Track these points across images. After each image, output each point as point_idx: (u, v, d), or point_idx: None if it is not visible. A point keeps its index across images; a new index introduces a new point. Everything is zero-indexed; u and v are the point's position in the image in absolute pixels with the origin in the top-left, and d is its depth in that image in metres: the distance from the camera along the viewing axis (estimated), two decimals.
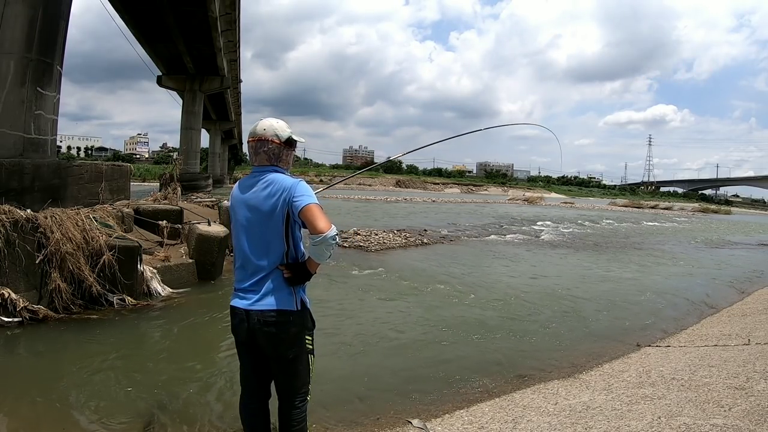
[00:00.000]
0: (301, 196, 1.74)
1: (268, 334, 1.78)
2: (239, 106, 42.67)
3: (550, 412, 2.68)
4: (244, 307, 1.80)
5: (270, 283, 1.78)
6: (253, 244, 1.82)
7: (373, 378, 3.31)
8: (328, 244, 1.67)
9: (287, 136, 1.89)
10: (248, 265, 1.83)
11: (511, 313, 5.23)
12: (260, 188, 1.81)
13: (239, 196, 1.88)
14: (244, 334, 1.83)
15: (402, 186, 76.55)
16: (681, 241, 15.52)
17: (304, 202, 1.72)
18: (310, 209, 1.70)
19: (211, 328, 4.36)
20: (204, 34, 19.11)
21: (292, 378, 1.86)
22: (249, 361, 1.92)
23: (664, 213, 39.01)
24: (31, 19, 5.38)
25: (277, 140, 1.86)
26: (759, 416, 2.27)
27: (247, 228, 1.83)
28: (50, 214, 4.46)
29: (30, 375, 3.17)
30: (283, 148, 1.88)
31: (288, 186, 1.77)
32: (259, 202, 1.80)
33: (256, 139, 1.87)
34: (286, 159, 1.90)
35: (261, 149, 1.86)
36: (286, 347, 1.80)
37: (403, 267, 7.65)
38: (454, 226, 15.19)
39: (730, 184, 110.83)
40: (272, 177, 1.82)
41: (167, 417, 2.66)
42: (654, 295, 6.55)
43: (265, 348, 1.83)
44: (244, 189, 1.87)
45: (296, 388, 1.88)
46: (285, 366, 1.84)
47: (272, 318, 1.76)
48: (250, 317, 1.79)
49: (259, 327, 1.77)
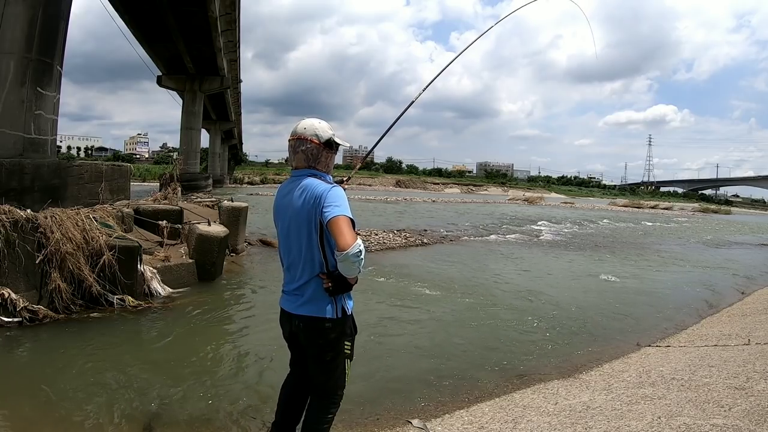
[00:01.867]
0: (329, 207, 1.67)
1: (307, 337, 1.82)
2: (239, 106, 42.71)
3: (550, 412, 2.67)
4: (288, 309, 1.85)
5: (311, 290, 1.78)
6: (293, 251, 1.82)
7: (373, 378, 3.31)
8: (350, 261, 1.62)
9: (328, 137, 1.84)
10: (291, 270, 1.85)
11: (510, 312, 5.22)
12: (296, 195, 1.79)
13: (279, 202, 1.89)
14: (287, 332, 1.91)
15: (402, 186, 76.50)
16: (681, 241, 15.52)
17: (332, 214, 1.65)
18: (336, 222, 1.64)
19: (211, 328, 4.36)
20: (204, 34, 19.12)
21: (328, 380, 1.87)
22: (294, 353, 2.01)
23: (664, 213, 39.02)
24: (31, 19, 5.38)
25: (316, 140, 1.82)
26: (759, 416, 2.27)
27: (286, 235, 1.84)
28: (50, 214, 4.46)
29: (30, 375, 3.16)
30: (322, 150, 1.83)
31: (319, 194, 1.71)
32: (295, 209, 1.79)
33: (296, 138, 1.83)
34: (324, 161, 1.85)
35: (299, 148, 1.82)
36: (324, 351, 1.82)
37: (403, 267, 7.65)
38: (454, 226, 15.19)
39: (730, 184, 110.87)
40: (307, 183, 1.78)
41: (167, 417, 2.66)
42: (654, 295, 6.55)
43: (306, 348, 1.87)
44: (283, 195, 1.87)
45: (329, 389, 1.88)
46: (321, 366, 1.86)
47: (312, 324, 1.78)
48: (293, 320, 1.83)
49: (299, 331, 1.83)
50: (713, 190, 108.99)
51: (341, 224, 1.63)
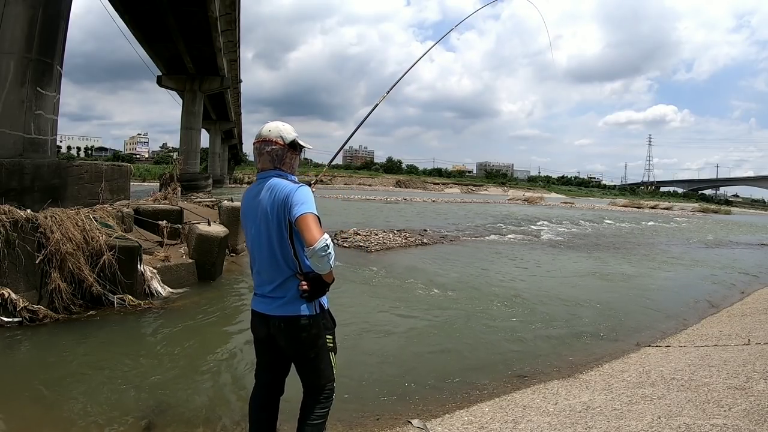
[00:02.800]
0: (297, 205, 1.72)
1: (287, 337, 1.82)
2: (239, 106, 42.71)
3: (550, 412, 2.68)
4: (263, 311, 1.84)
5: (287, 290, 1.79)
6: (264, 253, 1.83)
7: (373, 378, 3.31)
8: (318, 256, 1.65)
9: (292, 138, 1.88)
10: (263, 273, 1.85)
11: (511, 312, 5.22)
12: (265, 195, 1.81)
13: (247, 204, 1.90)
14: (264, 335, 1.88)
15: (402, 186, 76.50)
16: (681, 241, 15.52)
17: (299, 212, 1.70)
18: (303, 219, 1.69)
19: (211, 328, 4.36)
20: (204, 34, 19.13)
21: (316, 376, 1.88)
22: (266, 358, 1.96)
23: (664, 213, 39.00)
24: (31, 19, 5.38)
25: (281, 141, 1.86)
26: (759, 416, 2.27)
27: (256, 237, 1.85)
28: (50, 214, 4.46)
29: (30, 375, 3.16)
30: (286, 151, 1.87)
31: (287, 193, 1.76)
32: (264, 210, 1.80)
33: (261, 140, 1.87)
34: (289, 162, 1.89)
35: (264, 150, 1.86)
36: (306, 348, 1.83)
37: (403, 267, 7.65)
38: (454, 226, 15.19)
39: (730, 184, 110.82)
40: (273, 182, 1.82)
41: (167, 417, 2.66)
42: (654, 294, 6.55)
43: (286, 349, 1.87)
44: (251, 197, 1.88)
45: (320, 385, 1.90)
46: (307, 365, 1.87)
47: (291, 323, 1.79)
48: (270, 321, 1.82)
49: (278, 332, 1.82)
50: (713, 190, 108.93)
51: (308, 221, 1.68)
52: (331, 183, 67.02)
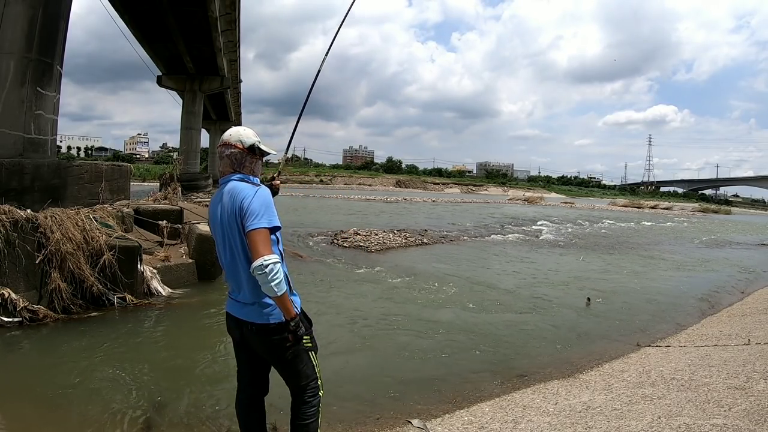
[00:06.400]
0: (248, 218, 1.71)
1: (260, 342, 1.82)
2: (239, 106, 42.67)
3: (550, 412, 2.67)
4: (236, 315, 1.85)
5: (256, 296, 1.78)
6: (228, 259, 1.83)
7: (373, 378, 3.31)
8: (257, 274, 1.65)
9: (252, 143, 1.88)
10: (231, 279, 1.86)
11: (510, 312, 5.23)
12: (226, 201, 1.81)
13: (212, 211, 1.90)
14: (239, 337, 1.89)
15: (402, 186, 76.44)
16: (681, 241, 15.52)
17: (249, 227, 1.70)
18: (250, 236, 1.69)
19: (211, 327, 4.36)
20: (204, 34, 19.10)
21: (296, 377, 1.87)
22: (245, 358, 1.96)
23: (664, 213, 39.00)
24: (31, 19, 5.38)
25: (240, 146, 1.87)
26: (759, 416, 2.27)
27: (221, 243, 1.85)
28: (50, 214, 4.46)
29: (30, 375, 3.17)
30: (246, 155, 1.87)
31: (242, 199, 1.75)
32: (225, 218, 1.81)
33: (222, 144, 1.89)
34: (249, 166, 1.88)
35: (224, 153, 1.88)
36: (281, 351, 1.81)
37: (403, 267, 7.65)
38: (455, 226, 15.19)
39: (730, 184, 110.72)
40: (232, 186, 1.81)
41: (167, 416, 2.67)
42: (654, 294, 6.55)
43: (261, 353, 1.87)
44: (215, 204, 1.89)
45: (301, 385, 1.88)
46: (286, 366, 1.86)
47: (262, 329, 1.78)
48: (243, 326, 1.83)
49: (251, 336, 1.82)
50: (713, 190, 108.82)
51: (254, 237, 1.69)
52: (331, 183, 67.04)
